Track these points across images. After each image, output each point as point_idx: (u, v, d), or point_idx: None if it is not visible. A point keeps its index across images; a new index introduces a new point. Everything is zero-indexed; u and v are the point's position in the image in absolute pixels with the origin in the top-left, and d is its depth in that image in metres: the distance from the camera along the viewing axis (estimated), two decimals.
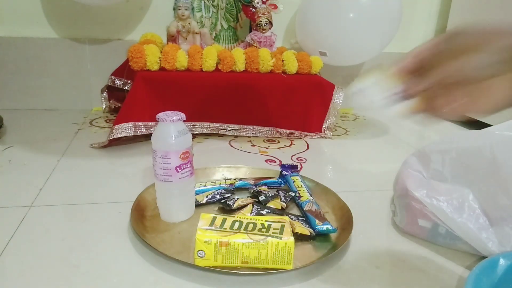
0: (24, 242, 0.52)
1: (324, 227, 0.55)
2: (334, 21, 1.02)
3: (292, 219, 0.58)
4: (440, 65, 0.35)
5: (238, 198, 0.63)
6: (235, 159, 0.86)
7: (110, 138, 0.85)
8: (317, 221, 0.57)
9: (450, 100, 0.36)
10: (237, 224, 0.49)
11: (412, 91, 0.38)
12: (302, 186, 0.67)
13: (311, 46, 1.09)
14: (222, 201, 0.63)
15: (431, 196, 0.54)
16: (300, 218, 0.60)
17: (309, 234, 0.54)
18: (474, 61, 0.34)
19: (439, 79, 0.36)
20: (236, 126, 0.99)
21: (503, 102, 0.35)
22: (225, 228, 0.48)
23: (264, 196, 0.64)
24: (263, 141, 0.99)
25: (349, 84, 1.41)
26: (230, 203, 0.62)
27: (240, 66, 0.95)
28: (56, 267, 0.48)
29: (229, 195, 0.65)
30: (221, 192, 0.65)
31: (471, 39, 0.34)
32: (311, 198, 0.64)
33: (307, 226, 0.57)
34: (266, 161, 0.86)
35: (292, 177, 0.71)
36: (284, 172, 0.73)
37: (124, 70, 1.03)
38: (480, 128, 0.53)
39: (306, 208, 0.61)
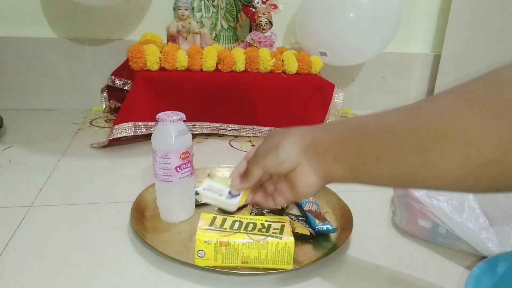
0: (24, 242, 0.52)
1: (324, 227, 0.55)
2: (334, 21, 1.02)
3: (292, 219, 0.58)
4: (254, 166, 0.47)
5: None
6: (235, 159, 0.86)
7: (110, 138, 0.85)
8: (317, 221, 0.57)
9: (272, 193, 0.48)
10: (237, 224, 0.49)
11: (240, 189, 0.50)
12: None
13: (311, 46, 1.09)
14: None
15: (431, 196, 0.54)
16: (300, 218, 0.60)
17: (309, 234, 0.54)
18: (272, 159, 0.44)
19: (255, 179, 0.47)
20: (236, 126, 0.99)
21: (315, 184, 0.43)
22: (225, 228, 0.48)
23: None
24: None
25: (349, 84, 1.41)
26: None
27: (240, 66, 0.95)
28: (56, 267, 0.48)
29: None
30: None
31: (271, 142, 0.45)
32: (311, 198, 0.64)
33: (307, 226, 0.57)
34: None
35: None
36: None
37: (124, 70, 1.03)
38: None
39: (306, 208, 0.61)
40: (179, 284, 0.46)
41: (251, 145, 0.96)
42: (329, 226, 0.56)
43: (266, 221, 0.50)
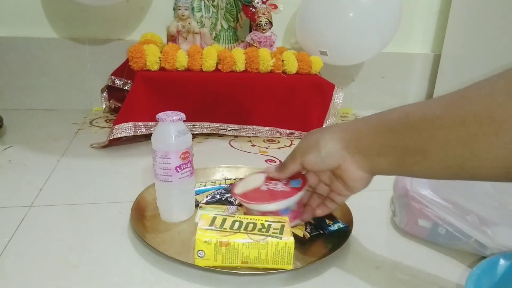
0: (24, 242, 0.52)
1: (336, 226, 0.55)
2: (334, 21, 1.02)
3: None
4: (291, 162, 0.49)
5: None
6: (235, 159, 0.86)
7: (110, 138, 0.85)
8: (327, 221, 0.56)
9: (329, 195, 0.51)
10: (237, 224, 0.49)
11: (272, 176, 0.54)
12: None
13: (311, 46, 1.09)
14: (222, 199, 0.63)
15: (431, 196, 0.54)
16: (310, 222, 0.58)
17: (302, 236, 0.53)
18: (314, 156, 0.45)
19: (290, 172, 0.50)
20: (236, 126, 0.99)
21: (364, 178, 0.45)
22: (225, 228, 0.48)
23: None
24: (263, 141, 0.99)
25: (349, 84, 1.42)
26: (232, 200, 0.62)
27: (240, 66, 0.95)
28: (56, 267, 0.48)
29: (229, 194, 0.65)
30: (221, 192, 0.65)
31: (310, 140, 0.47)
32: None
33: (307, 229, 0.55)
34: (266, 161, 0.86)
35: None
36: None
37: (124, 70, 1.03)
38: None
39: None
40: (179, 284, 0.46)
41: (251, 145, 0.96)
42: (340, 225, 0.56)
43: (266, 221, 0.50)
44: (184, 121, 0.56)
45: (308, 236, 0.54)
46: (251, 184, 0.56)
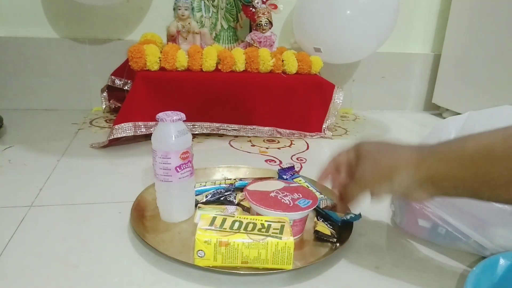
0: (24, 242, 0.52)
1: (348, 216, 0.56)
2: (331, 19, 1.02)
3: (317, 218, 0.59)
4: (358, 192, 0.47)
5: (236, 194, 0.64)
6: (235, 159, 0.86)
7: (110, 138, 0.85)
8: (338, 214, 0.57)
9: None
10: (237, 224, 0.49)
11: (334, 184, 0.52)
12: (308, 187, 0.67)
13: (308, 45, 1.09)
14: (221, 199, 0.63)
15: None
16: (319, 217, 0.59)
17: (329, 234, 0.54)
18: (385, 188, 0.45)
19: (356, 201, 0.49)
20: (236, 126, 0.99)
21: (428, 199, 0.44)
22: (225, 228, 0.48)
23: None
24: (263, 141, 0.99)
25: (349, 84, 1.42)
26: (231, 199, 0.63)
27: (240, 66, 0.95)
28: (56, 267, 0.47)
29: (228, 193, 0.64)
30: (221, 192, 0.65)
31: (380, 167, 0.45)
32: (322, 196, 0.64)
33: (329, 226, 0.56)
34: (266, 161, 0.86)
35: (294, 179, 0.70)
36: (284, 176, 0.72)
37: (124, 70, 1.03)
38: None
39: (322, 205, 0.61)
40: (179, 284, 0.46)
41: (251, 145, 0.96)
42: (352, 215, 0.56)
43: (266, 221, 0.50)
44: (184, 121, 0.56)
45: (335, 233, 0.55)
46: (265, 187, 0.58)
